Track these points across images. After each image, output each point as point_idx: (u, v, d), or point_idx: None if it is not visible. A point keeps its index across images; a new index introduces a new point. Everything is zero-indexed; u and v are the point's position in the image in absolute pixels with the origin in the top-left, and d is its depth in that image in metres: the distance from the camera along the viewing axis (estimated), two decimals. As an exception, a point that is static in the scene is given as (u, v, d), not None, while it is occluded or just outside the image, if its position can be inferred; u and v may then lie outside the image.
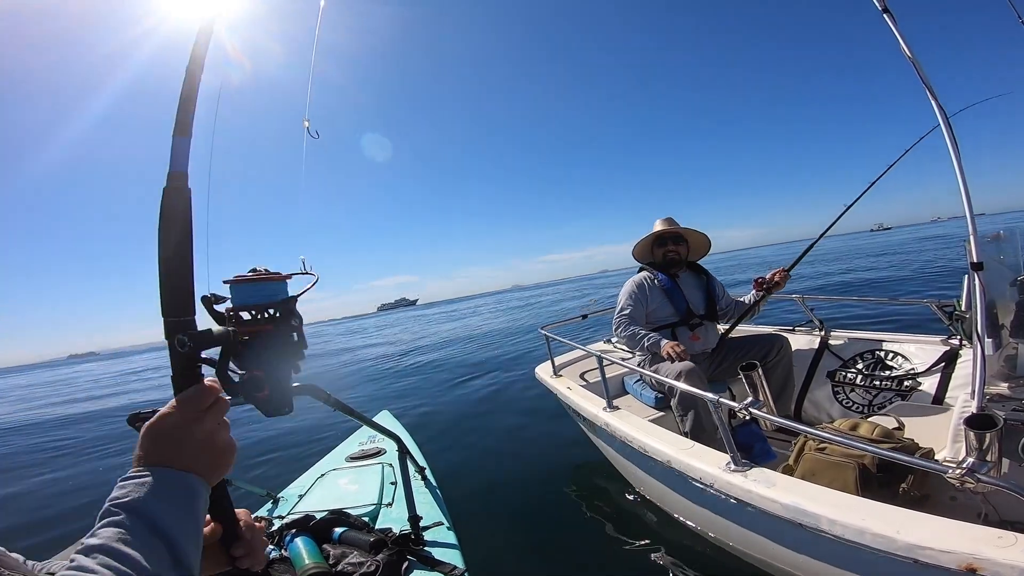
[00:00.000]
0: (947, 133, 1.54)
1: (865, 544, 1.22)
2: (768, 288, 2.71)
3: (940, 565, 1.08)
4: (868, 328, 2.72)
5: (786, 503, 1.41)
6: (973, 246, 1.45)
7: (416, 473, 2.29)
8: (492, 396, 5.94)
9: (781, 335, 2.68)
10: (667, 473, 1.97)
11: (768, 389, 2.53)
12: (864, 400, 2.37)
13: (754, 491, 1.51)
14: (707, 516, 1.85)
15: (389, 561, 1.46)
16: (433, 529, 1.79)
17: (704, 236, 2.92)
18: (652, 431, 2.13)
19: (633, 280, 2.83)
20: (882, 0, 1.79)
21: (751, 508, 1.54)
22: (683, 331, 2.72)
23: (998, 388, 1.56)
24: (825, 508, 1.33)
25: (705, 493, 1.75)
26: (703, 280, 2.90)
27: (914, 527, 1.17)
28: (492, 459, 3.85)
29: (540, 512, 2.87)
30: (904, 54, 1.73)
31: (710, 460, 1.76)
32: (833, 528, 1.29)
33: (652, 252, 2.92)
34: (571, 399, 2.85)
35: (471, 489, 3.26)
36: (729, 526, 1.75)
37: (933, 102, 1.56)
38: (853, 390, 2.44)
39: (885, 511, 1.26)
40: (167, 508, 0.46)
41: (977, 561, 1.03)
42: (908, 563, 1.14)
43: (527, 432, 4.31)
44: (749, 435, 2.50)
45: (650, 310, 2.74)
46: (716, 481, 1.66)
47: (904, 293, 7.87)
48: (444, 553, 1.62)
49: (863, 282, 10.02)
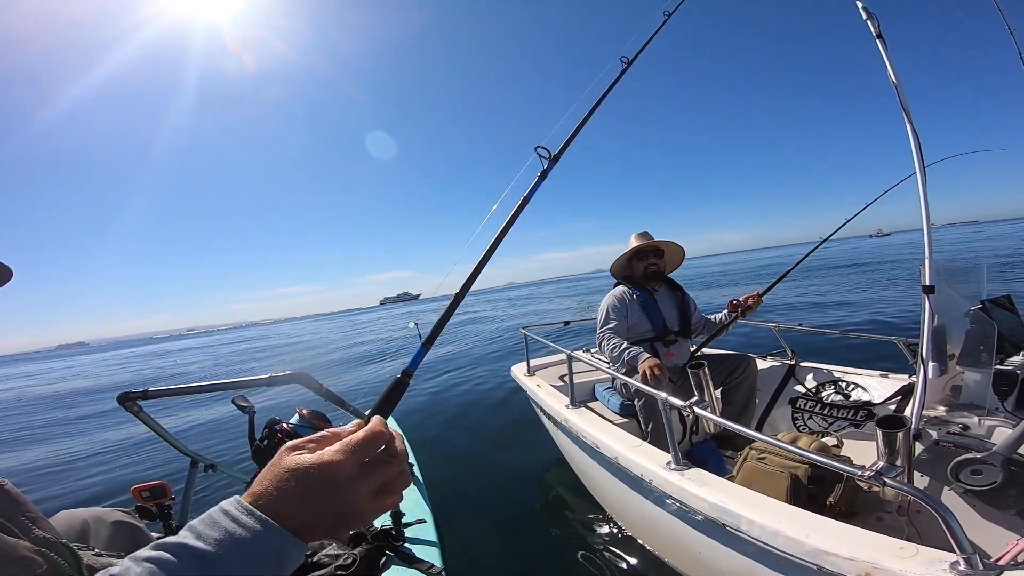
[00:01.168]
0: (920, 179, 1.59)
1: (776, 547, 1.23)
2: (741, 311, 2.74)
3: (839, 572, 1.09)
4: (838, 360, 2.73)
5: (713, 502, 1.43)
6: (927, 270, 1.47)
7: None
8: (485, 395, 5.90)
9: (748, 356, 2.70)
10: (615, 469, 1.99)
11: (733, 405, 2.56)
12: (819, 427, 2.38)
13: (687, 489, 1.53)
14: (646, 511, 1.86)
15: (367, 555, 1.43)
16: (415, 526, 1.79)
17: (680, 248, 2.97)
18: (607, 429, 2.15)
19: (613, 294, 2.84)
20: (876, 26, 1.84)
21: (682, 505, 1.56)
22: (659, 347, 2.74)
23: (937, 412, 1.57)
24: (747, 510, 1.35)
25: (645, 488, 1.77)
26: (678, 296, 2.93)
27: (824, 534, 1.18)
28: (479, 458, 3.85)
29: (524, 513, 2.88)
30: (889, 79, 1.78)
31: (653, 457, 1.78)
32: (751, 529, 1.31)
33: (631, 267, 2.94)
34: (537, 395, 2.90)
35: (458, 487, 3.27)
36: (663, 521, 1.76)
37: (914, 146, 1.61)
38: (811, 417, 2.45)
39: (802, 517, 1.28)
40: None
41: (875, 570, 1.04)
42: (811, 568, 1.15)
43: (516, 432, 4.30)
44: (707, 450, 2.53)
45: (630, 324, 2.75)
46: (655, 478, 1.68)
47: (882, 319, 7.77)
48: (424, 551, 1.63)
49: (837, 304, 9.94)
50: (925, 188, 1.59)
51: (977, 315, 1.66)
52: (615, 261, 2.99)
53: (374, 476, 0.41)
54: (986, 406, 1.52)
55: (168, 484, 1.55)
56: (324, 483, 0.39)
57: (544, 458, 3.53)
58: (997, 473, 1.23)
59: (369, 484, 0.41)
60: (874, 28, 1.79)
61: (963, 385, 1.60)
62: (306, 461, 0.40)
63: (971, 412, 1.53)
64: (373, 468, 0.42)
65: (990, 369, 1.56)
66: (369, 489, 0.41)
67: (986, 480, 1.25)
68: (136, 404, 1.44)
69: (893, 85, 1.69)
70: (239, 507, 0.38)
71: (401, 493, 0.44)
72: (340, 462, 0.40)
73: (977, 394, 1.56)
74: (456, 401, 5.77)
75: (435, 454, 3.93)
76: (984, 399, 1.53)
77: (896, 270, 15.88)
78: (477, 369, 7.66)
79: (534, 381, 3.12)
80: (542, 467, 3.41)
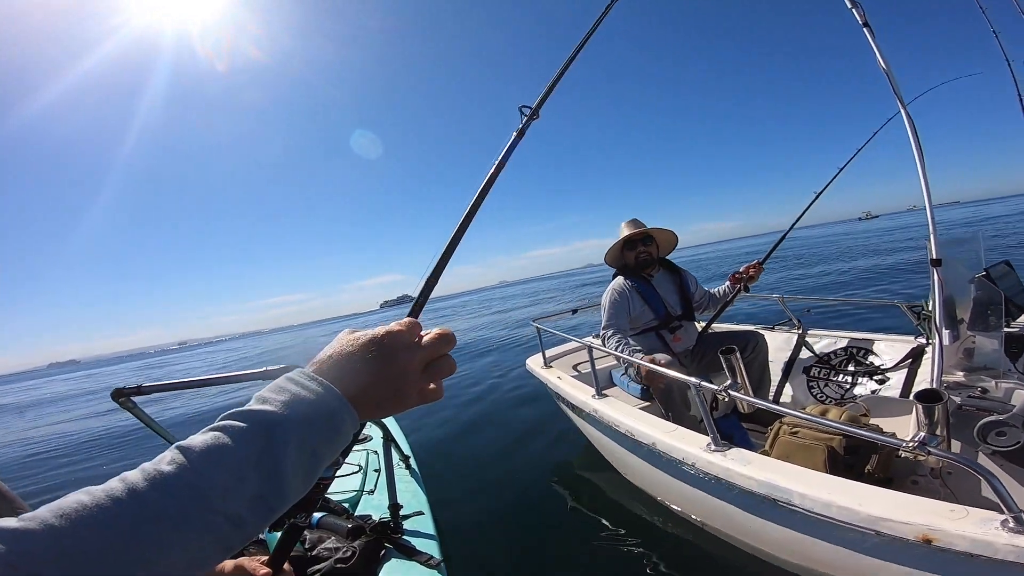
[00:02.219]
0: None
1: (831, 516, 1.33)
2: (744, 282, 2.75)
3: (899, 536, 1.19)
4: (843, 328, 2.86)
5: (761, 479, 1.52)
6: (933, 244, 1.57)
7: (400, 461, 2.33)
8: (484, 391, 5.97)
9: (758, 332, 2.78)
10: (652, 455, 2.07)
11: (748, 381, 2.65)
12: (836, 394, 2.51)
13: (732, 469, 1.61)
14: (688, 494, 1.95)
15: (366, 548, 1.47)
16: (414, 518, 1.81)
17: (671, 233, 2.94)
18: (639, 416, 2.23)
19: (612, 289, 2.83)
20: (862, 14, 1.89)
21: (729, 485, 1.65)
22: (665, 334, 2.77)
23: (955, 377, 1.69)
24: (796, 484, 1.44)
25: (687, 472, 1.85)
26: (677, 278, 2.93)
27: (876, 501, 1.28)
28: (479, 451, 3.91)
29: (523, 504, 2.93)
30: (879, 66, 1.85)
31: (691, 441, 1.86)
32: (803, 502, 1.39)
33: (623, 256, 2.92)
34: (560, 388, 2.93)
35: (456, 480, 3.33)
36: (709, 502, 1.85)
37: (909, 130, 1.68)
38: (826, 384, 2.57)
39: (850, 487, 1.37)
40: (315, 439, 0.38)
41: (932, 532, 1.14)
42: (870, 534, 1.25)
43: (516, 425, 4.38)
44: (730, 426, 2.63)
45: (633, 316, 2.75)
46: (697, 460, 1.76)
47: (881, 289, 8.16)
48: (422, 543, 1.64)
49: (838, 284, 10.40)
50: (924, 170, 1.67)
51: (982, 283, 1.78)
52: (608, 251, 2.99)
53: (429, 349, 0.45)
54: (1000, 368, 1.64)
55: None
56: (386, 348, 0.43)
57: (540, 447, 3.63)
58: (1020, 434, 1.34)
59: (424, 355, 0.44)
60: (859, 16, 1.84)
61: (975, 348, 1.71)
62: (368, 333, 0.44)
63: (986, 375, 1.65)
64: (427, 345, 0.46)
65: (1000, 333, 1.67)
66: (423, 359, 0.44)
67: (1010, 440, 1.36)
68: (130, 400, 1.43)
69: (884, 71, 1.75)
70: (303, 375, 0.41)
71: (442, 385, 0.47)
72: (401, 331, 0.44)
73: (990, 358, 1.68)
74: (450, 395, 5.87)
75: (431, 447, 4.00)
76: (997, 362, 1.65)
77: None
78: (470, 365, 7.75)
79: (553, 374, 3.16)
80: (538, 456, 3.49)
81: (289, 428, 0.37)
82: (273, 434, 0.36)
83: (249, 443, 0.35)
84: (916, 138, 1.64)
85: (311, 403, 0.39)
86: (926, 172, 1.61)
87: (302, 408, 0.38)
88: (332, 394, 0.40)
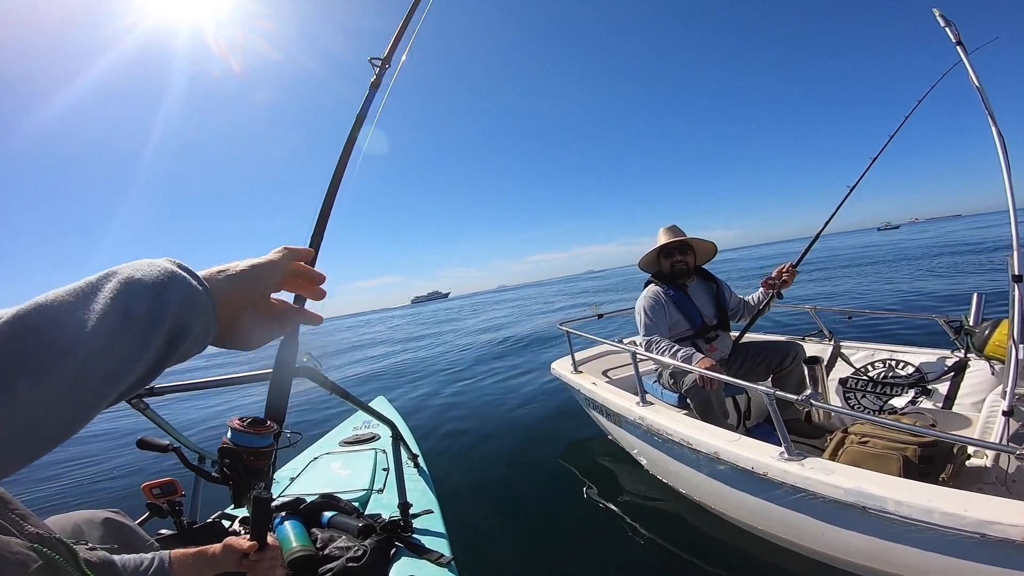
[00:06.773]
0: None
1: (933, 523, 1.35)
2: (777, 287, 2.67)
3: (1007, 538, 1.22)
4: (873, 340, 2.94)
5: (849, 488, 1.53)
6: (1016, 260, 1.64)
7: (409, 460, 2.31)
8: (496, 389, 5.96)
9: (796, 343, 2.79)
10: (712, 465, 2.07)
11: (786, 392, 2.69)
12: (875, 405, 2.57)
13: (814, 478, 1.62)
14: (756, 505, 1.94)
15: (376, 547, 1.47)
16: (423, 517, 1.81)
17: (711, 244, 2.91)
18: (694, 424, 2.23)
19: (648, 295, 2.80)
20: (955, 33, 1.95)
21: (808, 494, 1.66)
22: (701, 343, 2.75)
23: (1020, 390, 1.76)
24: (888, 491, 1.46)
25: (754, 481, 1.86)
26: (712, 288, 2.91)
27: (977, 506, 1.31)
28: (488, 451, 3.87)
29: (533, 503, 2.91)
30: (972, 83, 1.91)
31: (761, 450, 1.87)
32: (900, 509, 1.41)
33: (659, 263, 2.89)
34: (597, 394, 2.88)
35: (465, 478, 3.29)
36: (773, 511, 1.86)
37: (999, 145, 1.72)
38: (864, 395, 2.63)
39: (944, 493, 1.40)
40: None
41: None
42: (975, 538, 1.28)
43: (525, 423, 4.38)
44: (763, 434, 2.66)
45: (670, 324, 2.73)
46: (770, 470, 1.77)
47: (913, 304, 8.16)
48: (432, 541, 1.65)
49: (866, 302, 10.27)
50: (1011, 180, 1.73)
51: None
52: (644, 256, 2.97)
53: (297, 269, 0.51)
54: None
55: (177, 481, 1.55)
56: (268, 257, 0.50)
57: (549, 447, 3.62)
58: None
59: (290, 269, 0.50)
60: (953, 35, 1.93)
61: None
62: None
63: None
64: (295, 266, 0.52)
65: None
66: (287, 272, 0.50)
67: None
68: (143, 401, 1.42)
69: (976, 89, 1.84)
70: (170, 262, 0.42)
71: (298, 314, 0.53)
72: (290, 248, 0.51)
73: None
74: (457, 394, 5.87)
75: (439, 445, 3.98)
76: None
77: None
78: (478, 367, 7.70)
79: (587, 379, 3.11)
80: (548, 456, 3.47)
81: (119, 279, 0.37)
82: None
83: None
84: (1004, 150, 1.71)
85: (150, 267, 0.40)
86: (1012, 181, 1.68)
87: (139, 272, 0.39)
88: (171, 266, 0.40)
